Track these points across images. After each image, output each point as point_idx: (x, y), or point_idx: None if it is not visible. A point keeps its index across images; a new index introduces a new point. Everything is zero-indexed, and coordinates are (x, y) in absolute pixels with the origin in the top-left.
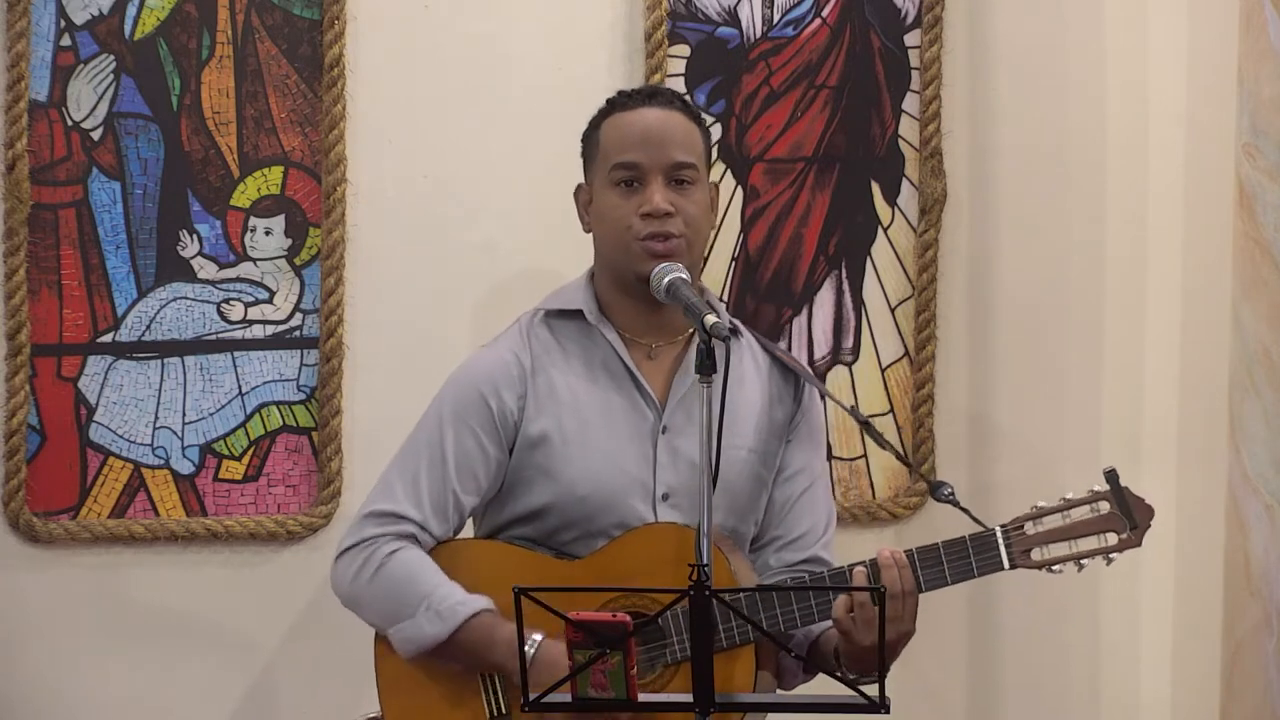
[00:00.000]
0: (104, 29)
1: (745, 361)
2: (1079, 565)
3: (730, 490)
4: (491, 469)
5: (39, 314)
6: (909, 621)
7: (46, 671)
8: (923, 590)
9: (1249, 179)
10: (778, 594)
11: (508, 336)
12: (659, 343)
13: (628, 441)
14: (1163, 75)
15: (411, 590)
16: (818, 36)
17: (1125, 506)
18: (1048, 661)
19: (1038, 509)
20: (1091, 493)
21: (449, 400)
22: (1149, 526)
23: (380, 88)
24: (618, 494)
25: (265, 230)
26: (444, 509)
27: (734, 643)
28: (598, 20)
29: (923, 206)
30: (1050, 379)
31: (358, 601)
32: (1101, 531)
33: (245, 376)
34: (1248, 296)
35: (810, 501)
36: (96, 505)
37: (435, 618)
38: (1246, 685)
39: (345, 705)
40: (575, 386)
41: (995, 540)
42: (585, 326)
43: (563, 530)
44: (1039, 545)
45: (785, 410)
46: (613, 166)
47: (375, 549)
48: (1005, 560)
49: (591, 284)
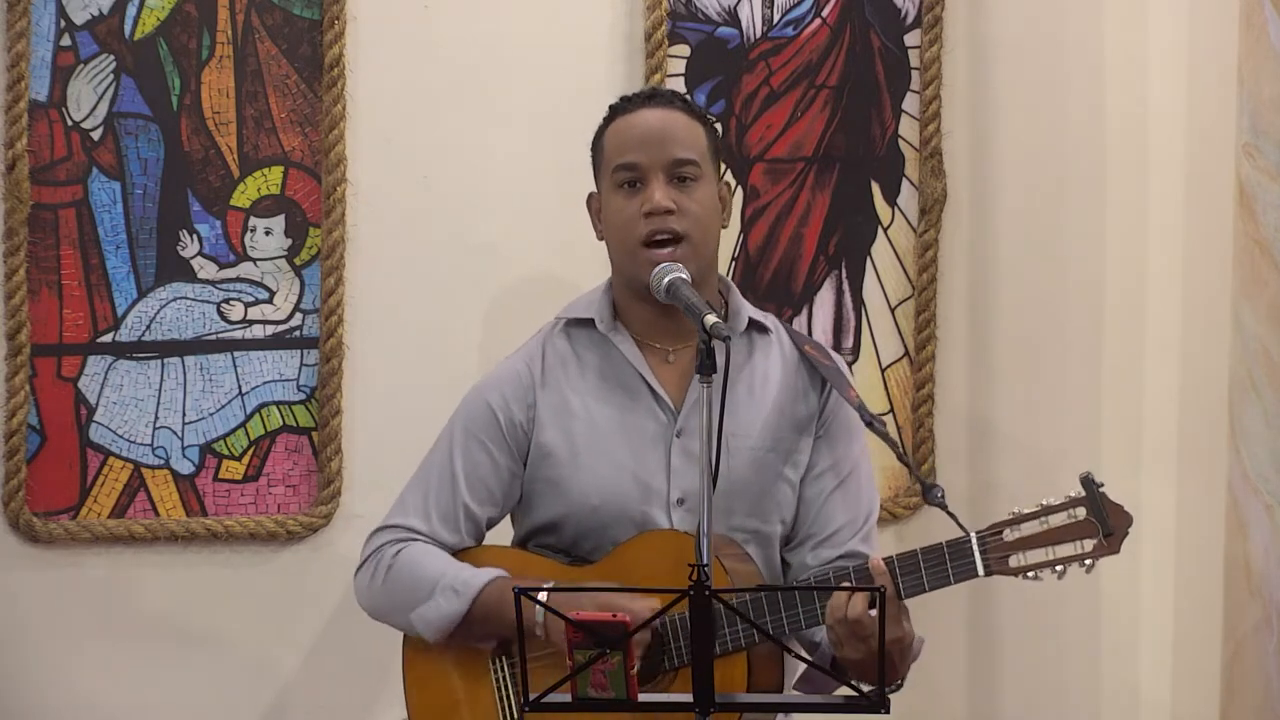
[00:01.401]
0: (104, 29)
1: (771, 358)
2: (1057, 572)
3: (750, 490)
4: (505, 480)
5: (39, 314)
6: (895, 627)
7: (46, 671)
8: (903, 598)
9: (1249, 179)
10: (781, 596)
11: (525, 347)
12: (675, 347)
13: (642, 448)
14: (1163, 75)
15: (423, 577)
16: (818, 36)
17: (1101, 513)
18: (1048, 661)
19: (1015, 514)
20: (1068, 498)
21: (461, 414)
22: (1126, 533)
23: (380, 88)
24: (631, 502)
25: (265, 230)
26: (454, 521)
27: (728, 649)
28: (598, 20)
29: (923, 206)
30: (1050, 379)
31: (378, 607)
32: (1079, 538)
33: (245, 376)
34: (1248, 296)
35: (845, 496)
36: (96, 505)
37: (452, 595)
38: (1246, 685)
39: (345, 705)
40: (587, 396)
41: (970, 547)
42: (601, 334)
43: (581, 540)
44: (1017, 552)
45: (811, 405)
46: (615, 169)
47: (382, 555)
48: (980, 567)
49: (609, 291)
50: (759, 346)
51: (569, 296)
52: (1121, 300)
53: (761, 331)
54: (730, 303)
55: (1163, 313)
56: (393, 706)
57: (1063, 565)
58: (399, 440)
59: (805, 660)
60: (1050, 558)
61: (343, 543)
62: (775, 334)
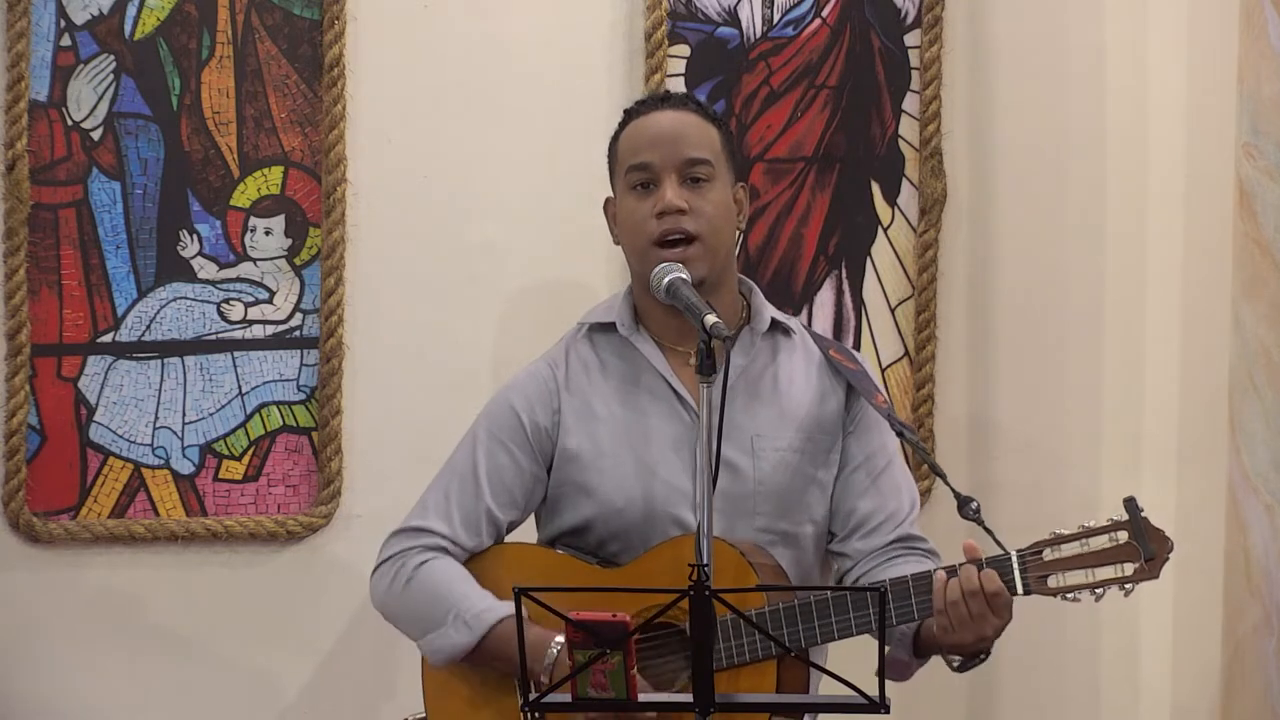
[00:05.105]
0: (104, 29)
1: (795, 359)
2: (1095, 594)
3: (777, 492)
4: (527, 483)
5: (39, 314)
6: (978, 625)
7: (46, 671)
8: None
9: (1249, 179)
10: (814, 608)
11: (549, 352)
12: (695, 348)
13: (666, 450)
14: (1163, 75)
15: (439, 601)
16: (818, 36)
17: (1143, 536)
18: (1048, 661)
19: (1056, 535)
20: (1111, 521)
21: (485, 417)
22: (1167, 558)
23: (380, 88)
24: (657, 504)
25: (265, 230)
26: (475, 524)
27: (757, 657)
28: (598, 20)
29: (923, 206)
30: (1050, 379)
31: (393, 614)
32: (1119, 561)
33: (245, 376)
34: (1248, 296)
35: (885, 485)
36: (96, 505)
37: (463, 627)
38: (1246, 685)
39: (345, 705)
40: (611, 400)
41: (1010, 565)
42: (623, 338)
43: (609, 542)
44: (1056, 572)
45: (838, 404)
46: (628, 170)
47: (405, 561)
48: (1020, 585)
49: (629, 295)
50: (782, 348)
51: (569, 296)
52: (1121, 300)
53: (785, 333)
54: (752, 304)
55: (1163, 313)
56: (393, 706)
57: (1102, 588)
58: (399, 440)
59: (824, 671)
60: (1089, 580)
61: (343, 543)
62: (799, 336)
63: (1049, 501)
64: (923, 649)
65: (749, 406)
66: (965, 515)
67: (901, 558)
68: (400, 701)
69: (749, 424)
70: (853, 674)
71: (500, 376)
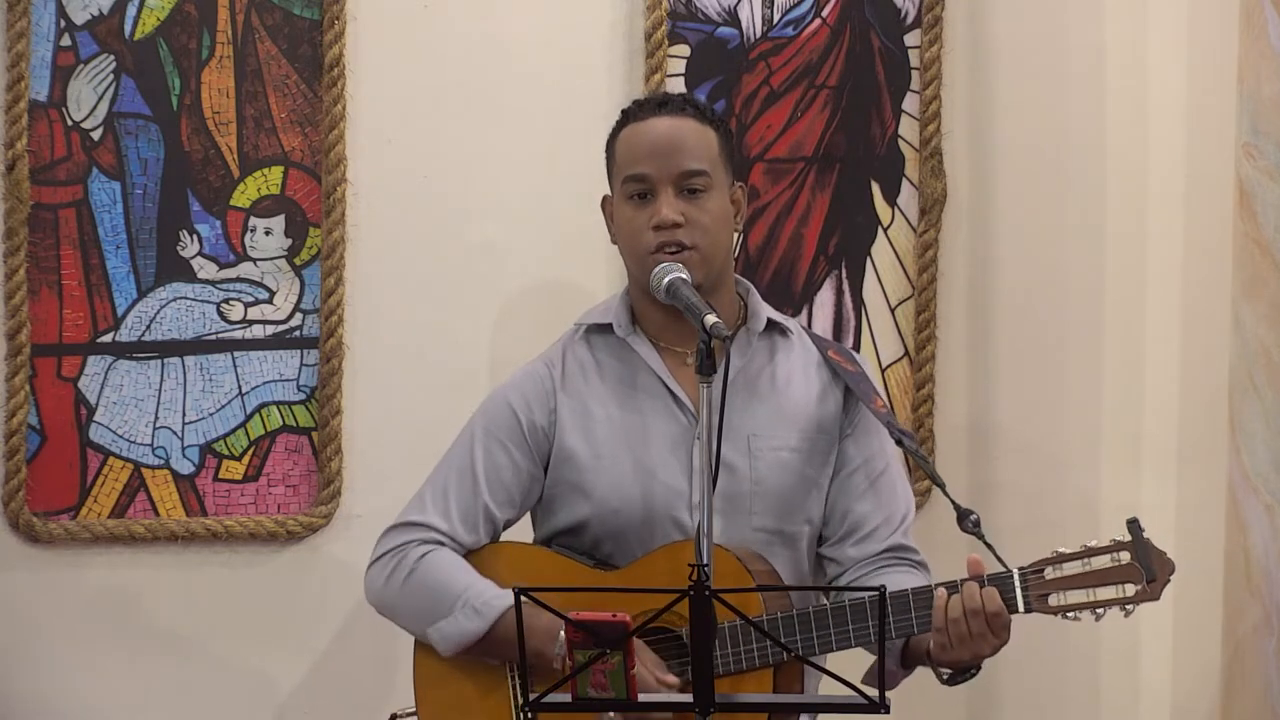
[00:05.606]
0: (104, 29)
1: (793, 360)
2: (1096, 614)
3: (774, 492)
4: (524, 481)
5: (39, 314)
6: (975, 643)
7: (46, 671)
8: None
9: (1249, 179)
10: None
11: (546, 352)
12: (692, 349)
13: (663, 451)
14: (1163, 75)
15: (446, 590)
16: (818, 36)
17: (1145, 558)
18: (1047, 661)
19: (1058, 554)
20: (1114, 542)
21: (481, 415)
22: (1169, 580)
23: (380, 88)
24: (654, 505)
25: (265, 230)
26: (473, 521)
27: (754, 665)
28: (598, 20)
29: (923, 206)
30: (1050, 379)
31: (392, 607)
32: (1120, 581)
33: (245, 376)
34: (1248, 296)
35: (880, 492)
36: (96, 505)
37: (473, 614)
38: (1246, 685)
39: (345, 705)
40: (608, 401)
41: (1012, 583)
42: (620, 339)
43: (604, 542)
44: (1057, 591)
45: (836, 406)
46: (624, 179)
47: (405, 554)
48: (1021, 603)
49: (626, 297)
50: (779, 348)
51: (569, 296)
52: (1121, 300)
53: (782, 334)
54: (749, 304)
55: (1163, 313)
56: (393, 707)
57: (1103, 608)
58: (399, 440)
59: (825, 671)
60: (1090, 599)
61: (342, 543)
62: (796, 336)
63: (1049, 501)
64: (910, 660)
65: (746, 406)
66: (965, 529)
67: (892, 567)
68: (400, 701)
69: (745, 424)
70: (845, 678)
71: (499, 376)
